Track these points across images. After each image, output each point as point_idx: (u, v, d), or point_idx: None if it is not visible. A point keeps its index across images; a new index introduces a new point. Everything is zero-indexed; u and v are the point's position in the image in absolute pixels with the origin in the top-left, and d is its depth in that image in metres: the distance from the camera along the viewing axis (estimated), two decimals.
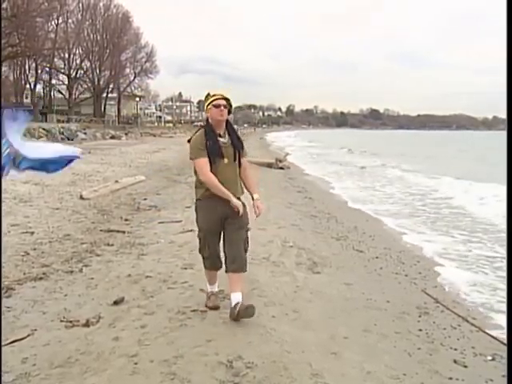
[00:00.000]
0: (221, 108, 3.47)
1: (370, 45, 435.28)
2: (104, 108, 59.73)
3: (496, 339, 3.65)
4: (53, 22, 46.42)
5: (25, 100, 51.04)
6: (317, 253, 5.69)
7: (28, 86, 50.99)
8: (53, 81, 52.74)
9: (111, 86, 59.92)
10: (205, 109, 3.60)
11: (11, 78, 49.27)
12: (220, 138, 3.53)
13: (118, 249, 5.52)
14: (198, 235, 3.71)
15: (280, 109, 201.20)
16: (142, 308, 3.71)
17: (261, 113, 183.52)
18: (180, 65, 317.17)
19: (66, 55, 50.97)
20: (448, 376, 3.02)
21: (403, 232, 7.95)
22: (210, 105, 3.49)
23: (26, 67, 48.84)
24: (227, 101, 3.54)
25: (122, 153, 21.24)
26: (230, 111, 3.60)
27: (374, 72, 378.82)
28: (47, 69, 49.45)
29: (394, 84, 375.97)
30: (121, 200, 9.12)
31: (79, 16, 52.11)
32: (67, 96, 53.22)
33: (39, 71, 49.00)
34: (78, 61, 53.51)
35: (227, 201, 3.47)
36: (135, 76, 61.57)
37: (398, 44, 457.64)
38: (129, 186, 10.78)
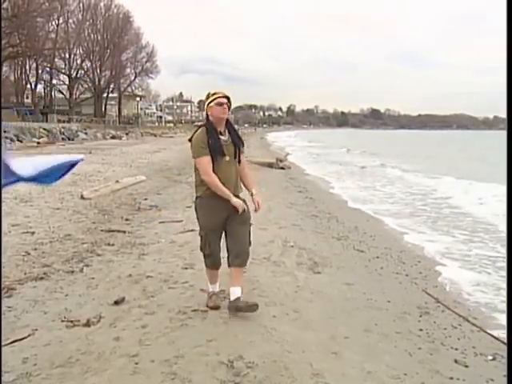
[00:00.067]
0: (223, 106, 3.53)
1: (370, 45, 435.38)
2: (105, 108, 59.82)
3: (497, 339, 3.65)
4: (53, 22, 46.64)
5: (25, 100, 51.12)
6: (317, 253, 5.68)
7: (29, 86, 51.12)
8: (53, 81, 52.89)
9: (112, 86, 60.03)
10: (205, 107, 3.61)
11: (12, 78, 49.40)
12: (221, 136, 3.56)
13: (119, 249, 5.53)
14: (200, 233, 3.71)
15: (281, 109, 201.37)
16: (143, 308, 3.71)
17: (261, 113, 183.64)
18: (180, 65, 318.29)
19: (67, 55, 51.05)
20: (449, 376, 3.02)
21: (404, 232, 7.94)
22: (213, 103, 3.52)
23: (27, 67, 48.98)
24: (228, 99, 3.58)
25: (123, 153, 21.26)
26: (229, 109, 3.65)
27: (374, 72, 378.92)
28: (48, 69, 49.53)
29: (395, 84, 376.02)
30: (121, 200, 9.13)
31: (80, 16, 52.23)
32: (68, 96, 53.28)
33: (40, 71, 49.11)
34: (79, 61, 53.63)
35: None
36: (136, 76, 61.72)
37: (398, 44, 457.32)
38: (129, 186, 10.78)
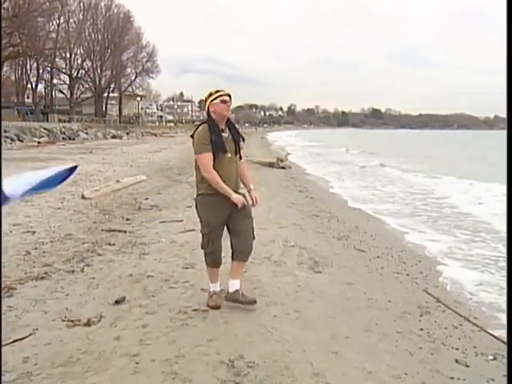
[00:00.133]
0: (227, 104, 3.61)
1: (370, 43, 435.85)
2: (105, 108, 59.84)
3: (497, 339, 3.64)
4: (54, 22, 46.71)
5: (26, 100, 51.17)
6: (318, 252, 5.68)
7: (29, 86, 51.20)
8: (54, 80, 52.91)
9: (112, 86, 60.07)
10: (208, 104, 3.64)
11: (13, 78, 49.43)
12: (222, 133, 3.62)
13: (120, 248, 5.53)
14: (202, 231, 3.72)
15: (281, 108, 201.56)
16: (144, 307, 3.71)
17: (262, 112, 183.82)
18: (181, 65, 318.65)
19: (68, 55, 51.11)
20: (449, 375, 3.01)
21: (404, 231, 7.93)
22: (217, 99, 3.57)
23: (28, 67, 49.04)
24: (230, 98, 3.66)
25: (124, 152, 21.28)
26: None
27: (375, 72, 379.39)
28: (48, 68, 49.57)
29: (395, 84, 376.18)
30: (122, 200, 9.13)
31: (80, 16, 52.29)
32: (69, 96, 53.31)
33: (41, 71, 49.15)
34: (80, 60, 53.70)
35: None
36: (136, 76, 61.78)
37: (398, 42, 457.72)
38: (130, 186, 10.79)
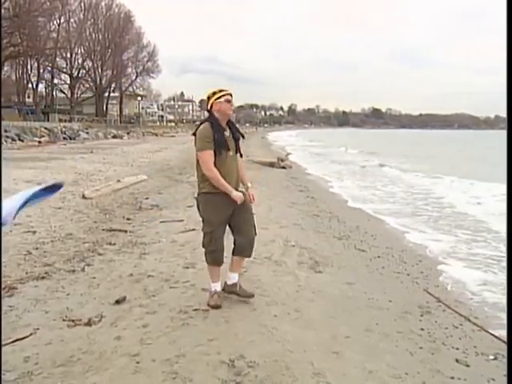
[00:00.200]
0: (231, 103, 3.70)
1: (371, 43, 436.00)
2: (106, 107, 59.83)
3: (498, 338, 3.64)
4: (55, 22, 46.69)
5: (27, 99, 51.14)
6: (319, 252, 5.68)
7: (30, 86, 51.16)
8: (55, 80, 52.90)
9: (113, 86, 60.07)
10: (211, 102, 3.67)
11: (13, 78, 49.42)
12: (224, 132, 3.67)
13: (120, 248, 5.53)
14: (204, 230, 3.73)
15: (282, 108, 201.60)
16: (144, 307, 3.71)
17: (263, 112, 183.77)
18: (181, 64, 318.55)
19: (68, 55, 51.09)
20: (450, 375, 3.01)
21: (405, 231, 7.93)
22: (222, 98, 3.64)
23: (28, 67, 49.01)
24: (232, 97, 3.75)
25: (124, 152, 21.28)
26: None
27: (375, 72, 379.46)
28: (49, 68, 49.57)
29: (395, 84, 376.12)
30: (123, 199, 9.14)
31: (81, 15, 52.27)
32: (69, 95, 53.31)
33: (41, 71, 49.11)
34: (80, 60, 53.68)
35: None
36: (137, 75, 61.77)
37: (398, 42, 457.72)
38: (131, 186, 10.79)
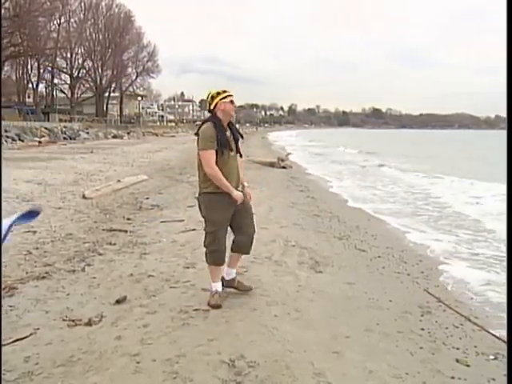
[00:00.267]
0: (234, 104, 3.78)
1: (370, 43, 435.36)
2: (106, 107, 59.83)
3: (498, 338, 3.64)
4: (55, 22, 46.70)
5: (27, 99, 51.14)
6: (319, 252, 5.68)
7: (30, 86, 51.13)
8: (55, 80, 52.89)
9: (113, 86, 60.07)
10: (216, 102, 3.70)
11: (13, 78, 49.41)
12: (226, 132, 3.72)
13: (121, 248, 5.54)
14: (207, 229, 3.75)
15: (282, 108, 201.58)
16: (145, 307, 3.71)
17: (263, 112, 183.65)
18: (181, 64, 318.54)
19: (68, 55, 51.08)
20: (450, 375, 3.01)
21: (405, 231, 7.92)
22: (227, 99, 3.70)
23: (29, 67, 49.00)
24: None
25: (124, 152, 21.28)
26: None
27: (375, 72, 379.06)
28: (49, 68, 49.55)
29: (395, 84, 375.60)
30: (123, 199, 9.14)
31: (81, 15, 52.26)
32: (69, 95, 53.32)
33: (41, 71, 49.09)
34: (80, 60, 53.67)
35: None
36: (137, 75, 61.77)
37: (398, 42, 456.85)
38: (131, 186, 10.80)
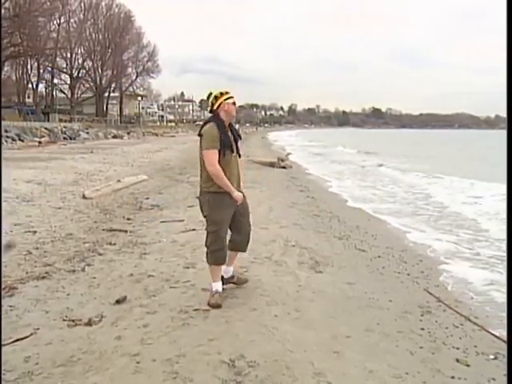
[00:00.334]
0: (236, 106, 3.83)
1: (370, 43, 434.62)
2: (106, 107, 59.80)
3: (498, 338, 3.64)
4: (55, 22, 46.64)
5: (27, 99, 51.12)
6: (319, 252, 5.68)
7: (30, 86, 51.10)
8: (55, 80, 52.83)
9: (113, 86, 60.04)
10: (220, 102, 3.73)
11: (13, 78, 49.40)
12: (228, 133, 3.76)
13: (121, 248, 5.54)
14: (209, 229, 3.77)
15: (282, 108, 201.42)
16: (145, 307, 3.71)
17: (263, 112, 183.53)
18: (181, 64, 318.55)
19: (68, 55, 51.04)
20: (450, 375, 3.02)
21: (405, 231, 7.93)
22: (230, 100, 3.76)
23: (29, 67, 48.96)
24: None
25: (124, 152, 21.27)
26: None
27: (375, 72, 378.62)
28: (49, 68, 49.51)
29: (395, 84, 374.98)
30: (123, 199, 9.14)
31: (81, 15, 52.22)
32: (69, 95, 53.27)
33: (41, 71, 49.06)
34: (80, 60, 53.62)
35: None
36: (137, 75, 61.72)
37: (398, 42, 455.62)
38: (131, 186, 10.80)
